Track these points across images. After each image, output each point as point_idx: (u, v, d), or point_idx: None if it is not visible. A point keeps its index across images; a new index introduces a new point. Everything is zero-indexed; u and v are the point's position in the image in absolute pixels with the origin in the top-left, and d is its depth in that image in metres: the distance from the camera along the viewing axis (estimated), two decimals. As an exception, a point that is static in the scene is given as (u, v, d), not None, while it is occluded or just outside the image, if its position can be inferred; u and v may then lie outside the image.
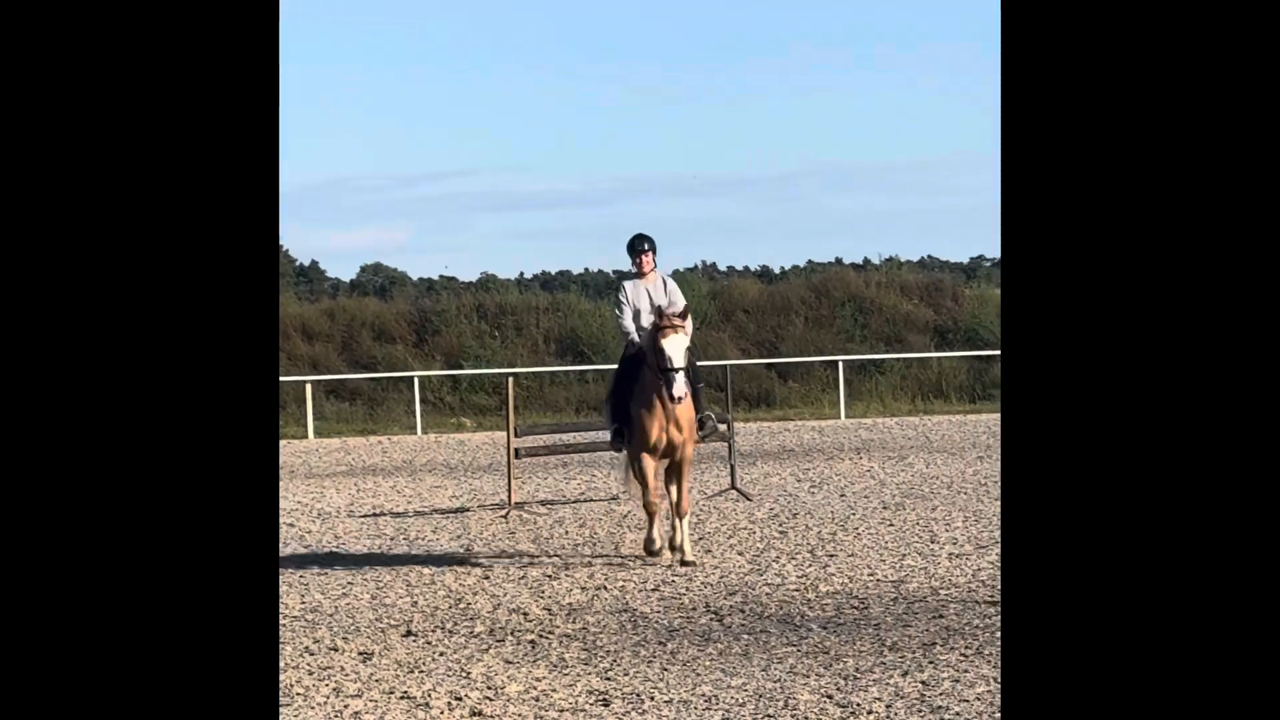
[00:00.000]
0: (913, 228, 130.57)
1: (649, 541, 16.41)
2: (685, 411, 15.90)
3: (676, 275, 74.79)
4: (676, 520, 16.44)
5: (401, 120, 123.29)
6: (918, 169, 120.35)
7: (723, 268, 74.01)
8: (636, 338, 16.30)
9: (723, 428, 18.78)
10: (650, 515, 16.34)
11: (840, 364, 47.33)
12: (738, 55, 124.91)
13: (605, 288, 65.45)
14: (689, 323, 16.07)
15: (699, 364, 17.31)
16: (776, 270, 70.14)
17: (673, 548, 16.36)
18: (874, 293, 56.59)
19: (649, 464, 16.02)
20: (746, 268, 73.10)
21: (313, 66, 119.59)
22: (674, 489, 16.60)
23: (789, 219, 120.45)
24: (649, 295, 16.46)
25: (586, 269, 75.70)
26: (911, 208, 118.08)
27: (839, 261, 67.49)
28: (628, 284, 16.89)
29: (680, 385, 15.41)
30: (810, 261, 70.77)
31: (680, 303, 16.46)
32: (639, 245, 16.81)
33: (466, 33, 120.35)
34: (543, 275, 74.44)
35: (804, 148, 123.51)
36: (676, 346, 15.54)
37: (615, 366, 17.83)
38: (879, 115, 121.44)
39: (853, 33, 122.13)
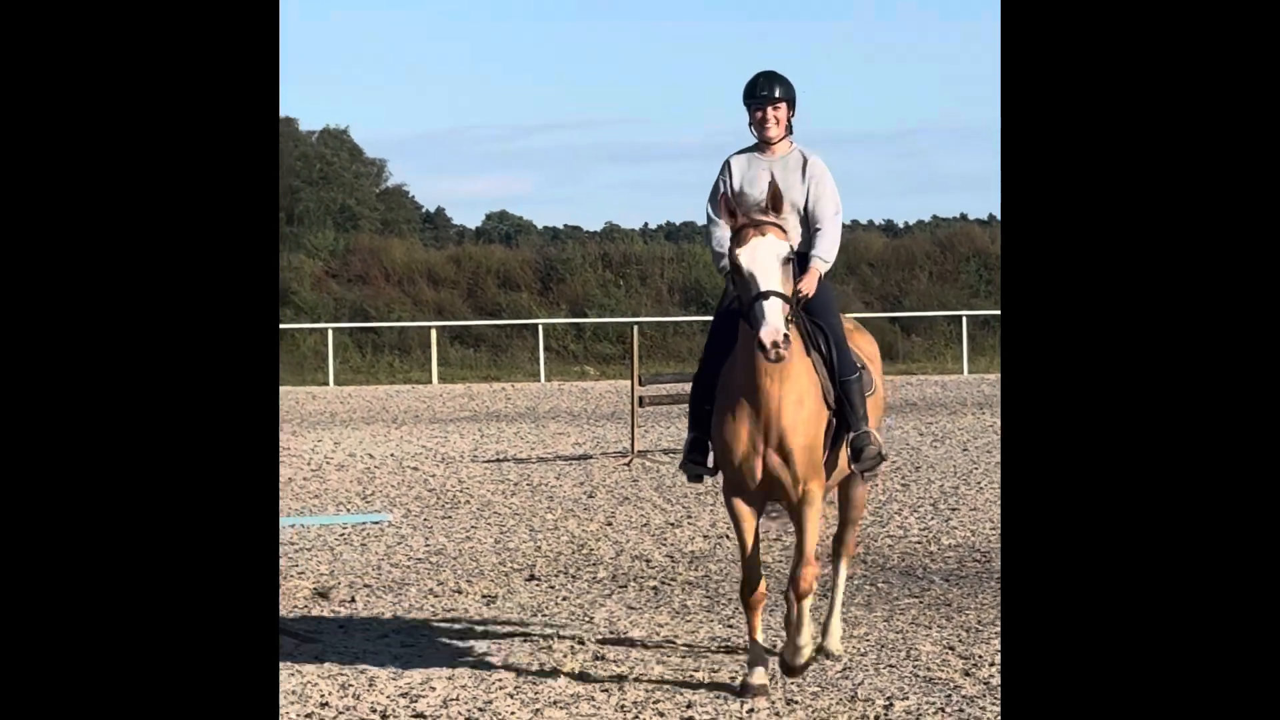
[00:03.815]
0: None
1: (751, 664, 8.75)
2: (803, 416, 8.45)
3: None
4: (792, 597, 8.81)
5: (523, 72, 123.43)
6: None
7: (846, 221, 73.86)
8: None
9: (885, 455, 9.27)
10: (748, 612, 8.88)
11: (964, 319, 47.15)
12: (861, 11, 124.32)
13: (729, 239, 65.43)
14: (796, 225, 8.88)
15: (840, 328, 8.99)
16: (901, 225, 69.94)
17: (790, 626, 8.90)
18: (999, 249, 56.20)
19: (743, 515, 8.71)
20: (871, 221, 72.90)
21: (437, 18, 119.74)
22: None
23: (914, 173, 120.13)
24: (773, 181, 8.66)
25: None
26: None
27: (964, 217, 67.42)
28: (736, 160, 9.11)
29: (773, 324, 7.98)
30: (935, 216, 70.68)
31: (829, 208, 8.98)
32: (767, 87, 8.98)
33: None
34: (667, 226, 74.51)
35: (928, 105, 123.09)
36: (763, 257, 8.21)
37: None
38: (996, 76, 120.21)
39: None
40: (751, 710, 8.16)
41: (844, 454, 8.83)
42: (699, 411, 8.88)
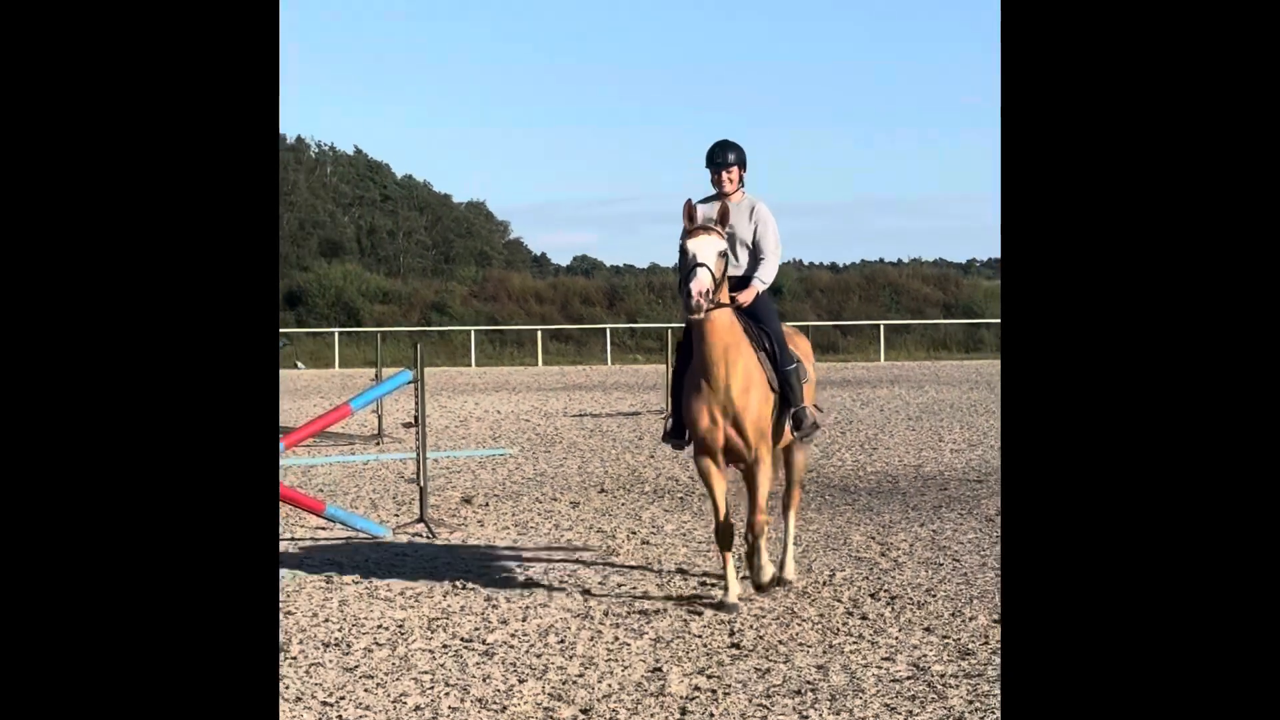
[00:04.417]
0: (930, 237, 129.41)
1: (728, 589, 7.64)
2: (753, 397, 7.48)
3: (782, 270, 74.28)
4: (749, 537, 7.82)
5: (595, 166, 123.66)
6: (939, 201, 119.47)
7: (806, 261, 73.78)
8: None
9: (823, 419, 8.60)
10: (722, 551, 7.74)
11: (881, 326, 47.15)
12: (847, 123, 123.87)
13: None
14: (745, 257, 7.90)
15: (781, 322, 8.03)
16: (841, 264, 70.10)
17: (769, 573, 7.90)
18: (904, 280, 56.32)
19: (711, 473, 7.64)
20: (821, 262, 73.04)
21: (555, 133, 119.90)
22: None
23: (851, 231, 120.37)
24: (723, 202, 7.67)
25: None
26: (930, 226, 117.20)
27: (882, 260, 67.89)
28: (701, 206, 7.69)
29: (700, 281, 7.13)
30: (864, 260, 70.83)
31: (771, 243, 7.88)
32: (720, 156, 7.86)
33: (625, 99, 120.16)
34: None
35: (863, 184, 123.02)
36: (705, 246, 7.26)
37: None
38: (919, 162, 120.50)
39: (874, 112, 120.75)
40: (744, 577, 8.16)
41: (787, 426, 7.86)
42: (675, 398, 7.80)
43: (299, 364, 47.86)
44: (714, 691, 5.89)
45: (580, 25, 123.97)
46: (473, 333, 48.28)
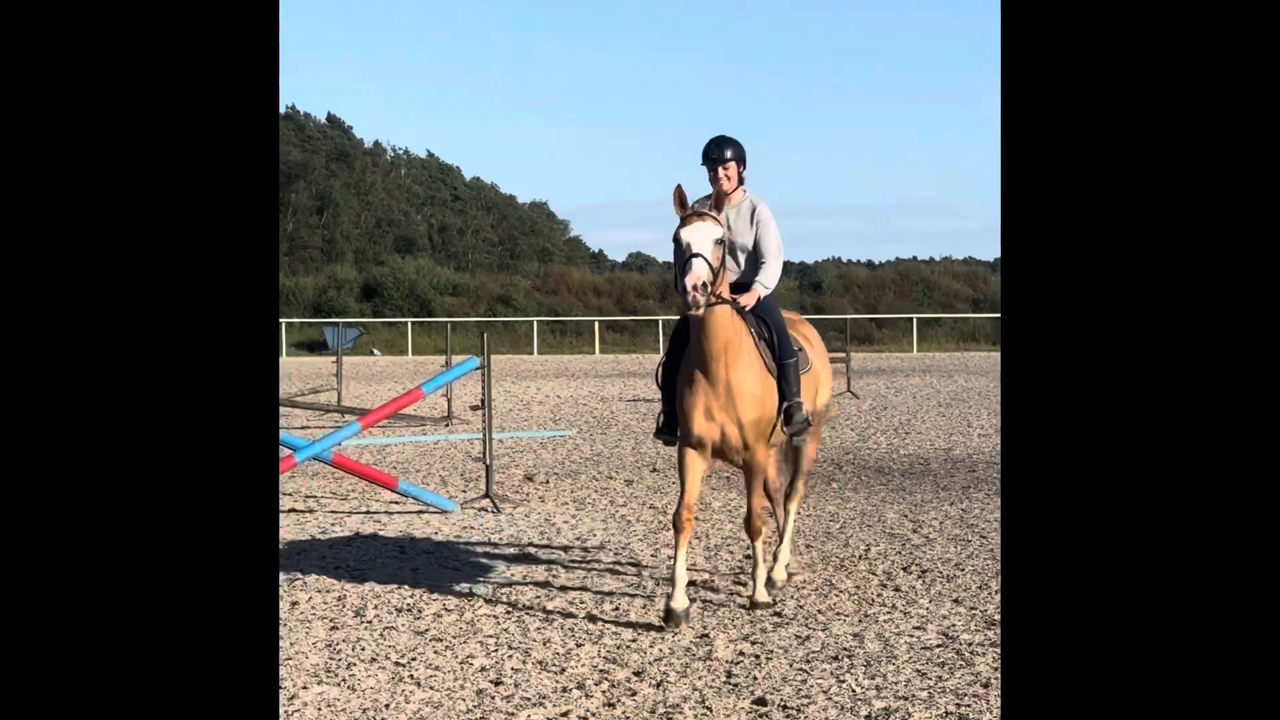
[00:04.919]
0: (960, 238, 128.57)
1: (670, 597, 6.43)
2: (754, 395, 6.47)
3: (822, 267, 71.88)
4: (751, 542, 6.91)
5: (649, 170, 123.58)
6: (969, 204, 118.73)
7: (845, 259, 73.50)
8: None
9: (811, 421, 7.03)
10: (677, 533, 6.53)
11: (914, 319, 46.86)
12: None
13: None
14: (744, 262, 6.92)
15: (778, 315, 6.91)
16: (878, 262, 69.84)
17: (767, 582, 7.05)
18: (936, 277, 55.98)
19: (691, 463, 6.50)
20: (859, 260, 72.75)
21: (614, 140, 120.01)
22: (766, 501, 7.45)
23: (885, 230, 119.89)
24: (728, 225, 6.76)
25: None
26: (960, 227, 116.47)
27: (915, 258, 67.52)
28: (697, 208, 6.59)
29: (696, 274, 6.15)
30: (898, 258, 70.46)
31: (773, 247, 6.89)
32: (716, 151, 6.85)
33: (667, 103, 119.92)
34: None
35: (898, 186, 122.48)
36: (700, 234, 6.26)
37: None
38: (951, 163, 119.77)
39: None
40: (766, 545, 8.08)
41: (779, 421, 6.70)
42: (667, 391, 6.73)
43: (375, 351, 48.13)
44: (757, 656, 5.84)
45: (642, 40, 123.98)
46: (535, 323, 48.39)
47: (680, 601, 6.39)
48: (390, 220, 72.13)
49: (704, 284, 6.14)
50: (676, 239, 6.30)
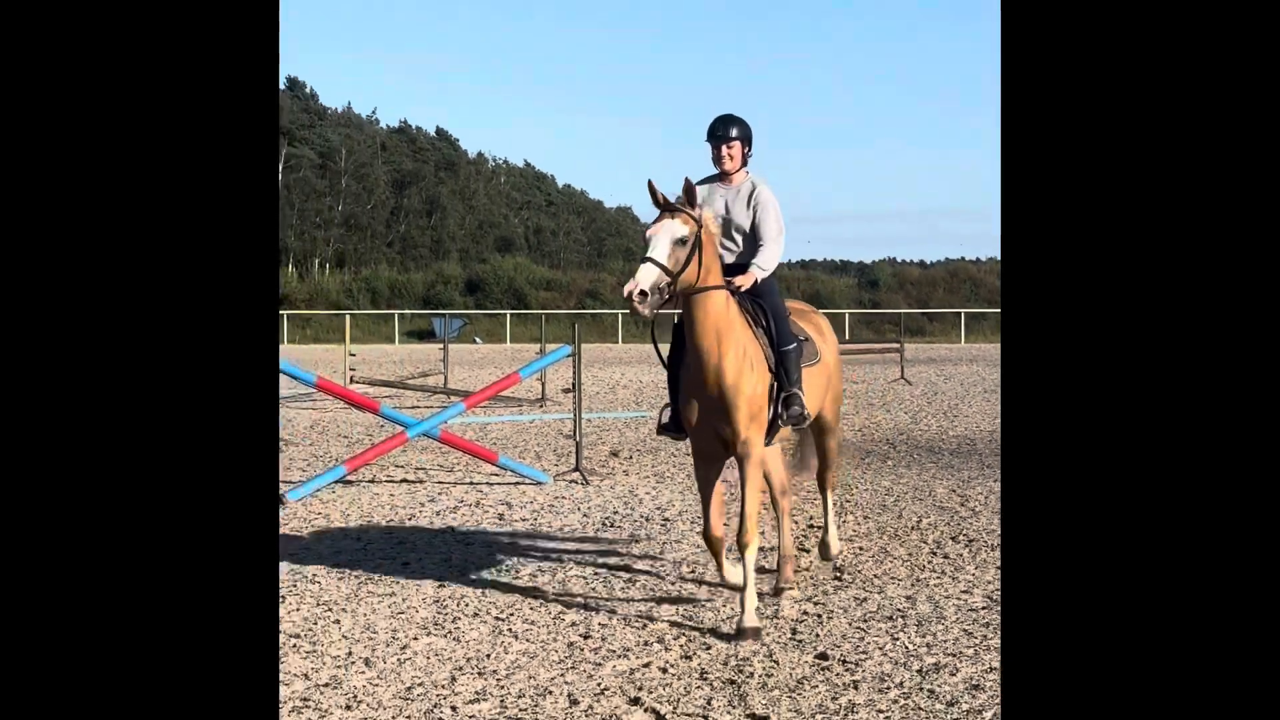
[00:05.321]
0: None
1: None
2: (746, 381, 5.71)
3: (879, 266, 71.20)
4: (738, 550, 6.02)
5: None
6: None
7: (899, 259, 73.12)
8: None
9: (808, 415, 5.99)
10: (714, 555, 6.05)
11: (962, 314, 46.54)
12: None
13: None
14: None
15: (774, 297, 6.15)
16: (929, 262, 69.87)
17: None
18: (982, 275, 55.70)
19: (703, 478, 5.93)
20: (911, 260, 72.63)
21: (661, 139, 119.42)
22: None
23: (935, 232, 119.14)
24: (726, 207, 6.14)
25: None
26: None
27: (963, 258, 68.04)
28: (700, 187, 6.08)
29: (638, 280, 5.45)
30: (946, 258, 70.63)
31: (772, 228, 6.13)
32: (721, 129, 6.14)
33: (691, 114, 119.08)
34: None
35: (941, 194, 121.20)
36: (661, 234, 5.58)
37: None
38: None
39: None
40: (817, 522, 8.20)
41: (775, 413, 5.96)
42: (674, 389, 6.03)
43: (477, 339, 48.71)
44: (819, 616, 5.98)
45: (718, 50, 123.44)
46: (620, 315, 48.59)
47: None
48: (491, 222, 72.99)
49: (644, 291, 5.41)
50: (645, 237, 5.68)
